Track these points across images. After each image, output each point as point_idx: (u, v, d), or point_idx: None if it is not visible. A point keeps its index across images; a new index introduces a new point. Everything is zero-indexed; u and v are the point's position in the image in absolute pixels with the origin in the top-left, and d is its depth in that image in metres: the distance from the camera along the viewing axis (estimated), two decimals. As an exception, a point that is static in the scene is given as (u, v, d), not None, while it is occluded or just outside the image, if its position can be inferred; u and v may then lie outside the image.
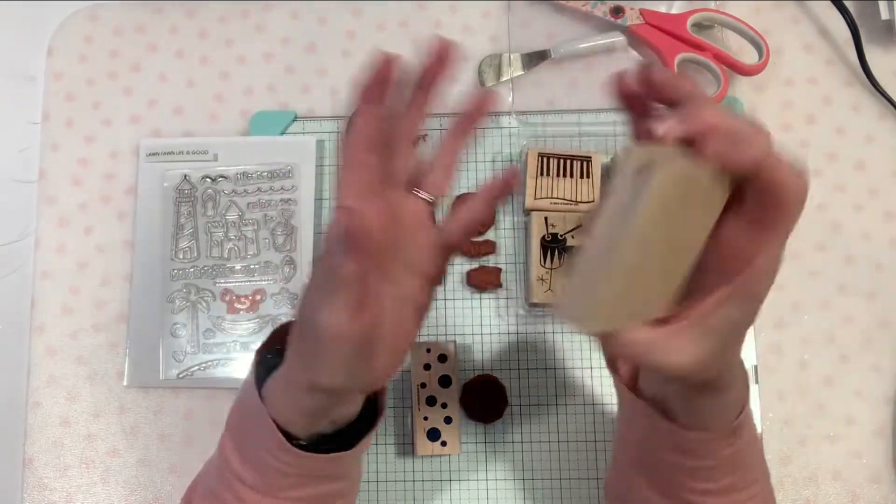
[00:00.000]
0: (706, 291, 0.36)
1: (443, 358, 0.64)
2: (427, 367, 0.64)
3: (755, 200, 0.35)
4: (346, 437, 0.46)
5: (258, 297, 0.68)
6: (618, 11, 0.71)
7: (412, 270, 0.45)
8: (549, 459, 0.65)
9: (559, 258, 0.64)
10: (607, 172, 0.37)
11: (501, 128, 0.71)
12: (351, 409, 0.46)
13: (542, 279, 0.64)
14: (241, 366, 0.67)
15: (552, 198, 0.65)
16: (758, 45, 0.69)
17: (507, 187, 0.46)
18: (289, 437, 0.43)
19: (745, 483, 0.47)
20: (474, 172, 0.70)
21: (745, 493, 0.47)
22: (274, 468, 0.44)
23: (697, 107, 0.34)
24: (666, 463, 0.46)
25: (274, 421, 0.43)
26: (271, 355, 0.47)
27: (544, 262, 0.64)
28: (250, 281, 0.68)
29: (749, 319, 0.38)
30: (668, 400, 0.45)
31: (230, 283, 0.68)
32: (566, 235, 0.64)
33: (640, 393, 0.47)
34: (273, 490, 0.45)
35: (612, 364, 0.50)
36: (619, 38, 0.71)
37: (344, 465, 0.47)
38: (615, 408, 0.66)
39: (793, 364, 0.67)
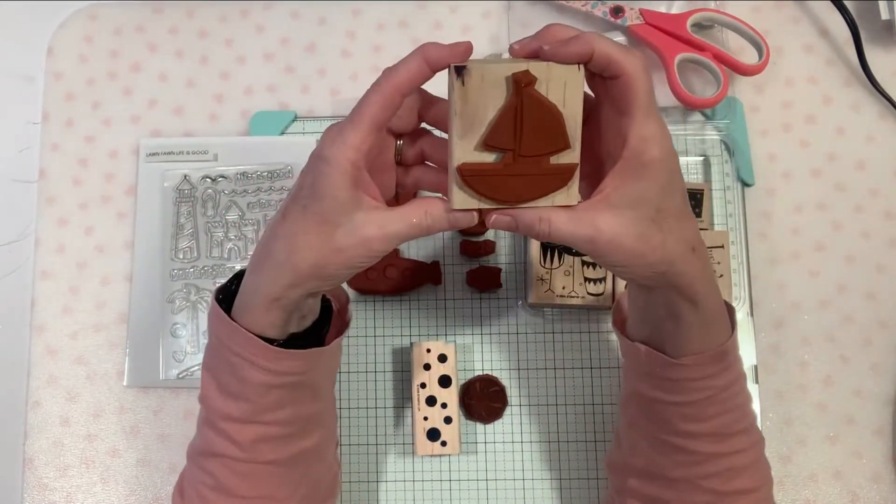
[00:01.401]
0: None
1: (443, 358, 0.64)
2: (427, 367, 0.64)
3: (610, 87, 0.43)
4: (314, 342, 0.49)
5: (258, 297, 0.68)
6: (618, 11, 0.71)
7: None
8: (549, 459, 0.65)
9: (559, 258, 0.64)
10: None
11: (501, 128, 0.70)
12: (314, 301, 0.49)
13: (542, 279, 0.64)
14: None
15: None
16: (758, 45, 0.69)
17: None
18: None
19: (736, 430, 0.48)
20: (474, 172, 0.70)
21: (738, 440, 0.48)
22: (256, 385, 0.46)
23: (544, 32, 0.45)
24: (659, 406, 0.49)
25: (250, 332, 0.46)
26: (232, 285, 0.49)
27: (544, 262, 0.64)
28: (250, 281, 0.68)
29: (652, 195, 0.43)
30: (655, 328, 0.48)
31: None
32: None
33: (633, 337, 0.51)
34: (257, 414, 0.47)
35: (617, 322, 0.54)
36: (619, 39, 0.71)
37: (321, 368, 0.50)
38: (615, 408, 0.66)
39: (793, 364, 0.67)
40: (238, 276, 0.49)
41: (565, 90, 0.43)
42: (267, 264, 0.45)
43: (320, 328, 0.51)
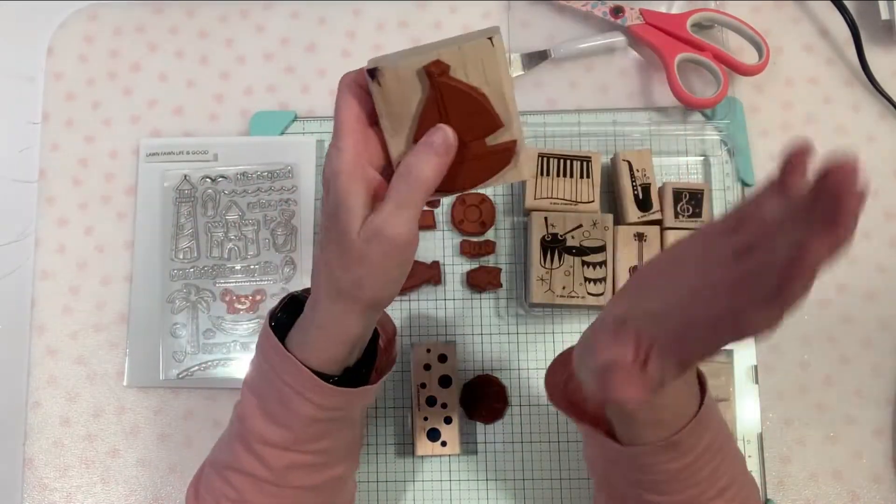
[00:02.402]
0: None
1: (443, 358, 0.64)
2: (427, 367, 0.64)
3: None
4: (359, 379, 0.50)
5: (258, 297, 0.68)
6: (618, 11, 0.71)
7: None
8: (549, 459, 0.65)
9: (559, 258, 0.64)
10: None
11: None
12: (370, 332, 0.49)
13: (542, 279, 0.64)
14: (241, 366, 0.67)
15: (552, 198, 0.65)
16: (758, 45, 0.69)
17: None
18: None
19: (711, 495, 0.45)
20: (474, 172, 0.70)
21: (715, 502, 0.45)
22: (304, 417, 0.47)
23: None
24: (619, 477, 0.47)
25: (305, 365, 0.46)
26: (282, 314, 0.50)
27: (544, 262, 0.64)
28: (250, 281, 0.68)
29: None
30: (605, 418, 0.46)
31: (230, 283, 0.68)
32: (566, 235, 0.64)
33: (582, 415, 0.49)
34: (296, 443, 0.47)
35: (549, 383, 0.52)
36: (619, 38, 0.71)
37: (359, 409, 0.51)
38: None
39: (793, 364, 0.67)
40: (291, 302, 0.50)
41: (485, 69, 0.42)
42: (322, 297, 0.45)
43: (363, 363, 0.51)
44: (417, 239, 0.44)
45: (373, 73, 0.43)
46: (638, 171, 0.66)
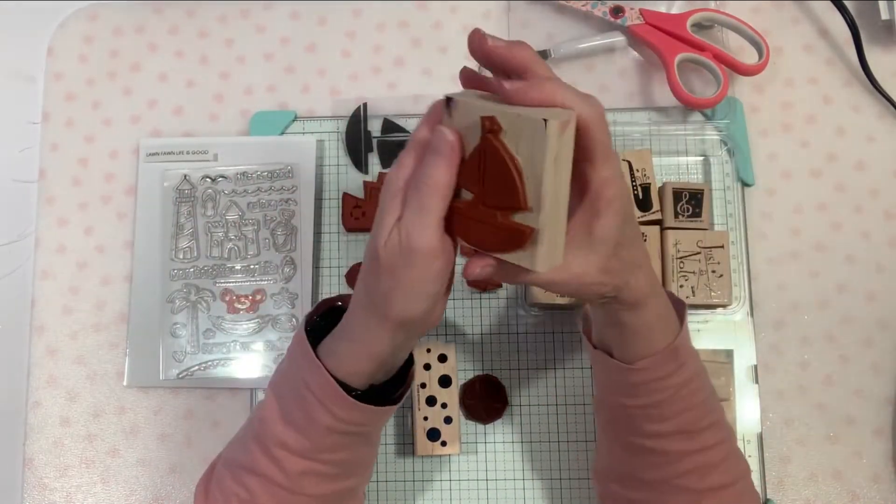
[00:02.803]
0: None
1: (443, 358, 0.64)
2: (427, 367, 0.64)
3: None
4: (383, 398, 0.50)
5: (258, 297, 0.68)
6: (618, 11, 0.71)
7: None
8: (549, 459, 0.65)
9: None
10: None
11: (501, 128, 0.71)
12: (405, 354, 0.50)
13: (542, 279, 0.64)
14: (241, 366, 0.67)
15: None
16: (758, 45, 0.69)
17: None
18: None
19: (702, 426, 0.49)
20: (474, 172, 0.70)
21: (706, 436, 0.49)
22: (323, 427, 0.47)
23: (512, 51, 0.42)
24: (625, 411, 0.50)
25: (333, 376, 0.46)
26: (319, 320, 0.51)
27: (544, 262, 0.64)
28: (250, 281, 0.68)
29: (613, 232, 0.43)
30: (605, 336, 0.50)
31: (230, 283, 0.68)
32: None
33: (598, 346, 0.52)
34: (313, 452, 0.48)
35: (585, 330, 0.55)
36: (619, 38, 0.71)
37: (378, 427, 0.52)
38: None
39: (793, 364, 0.67)
40: (327, 309, 0.51)
41: (533, 148, 0.39)
42: (356, 315, 0.46)
43: (390, 384, 0.51)
44: (448, 252, 0.43)
45: (449, 101, 0.42)
46: (638, 170, 0.66)
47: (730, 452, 0.51)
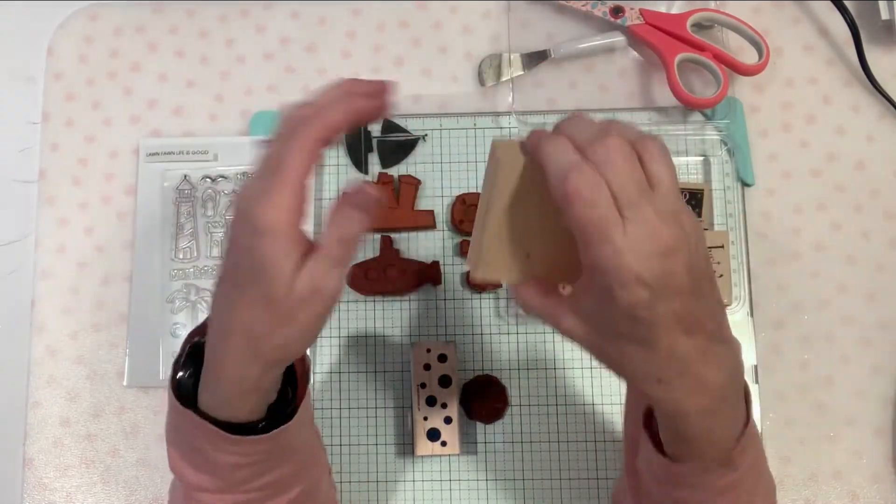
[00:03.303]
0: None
1: (443, 358, 0.64)
2: (427, 367, 0.64)
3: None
4: (279, 413, 0.46)
5: (258, 297, 0.68)
6: (618, 11, 0.71)
7: None
8: (549, 459, 0.65)
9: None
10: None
11: (501, 128, 0.71)
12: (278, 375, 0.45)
13: (542, 279, 0.64)
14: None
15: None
16: (758, 45, 0.69)
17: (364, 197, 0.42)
18: (232, 429, 0.43)
19: None
20: (474, 172, 0.70)
21: None
22: (228, 465, 0.44)
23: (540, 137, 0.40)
24: (660, 495, 0.46)
25: (212, 419, 0.43)
26: (184, 372, 0.46)
27: (544, 262, 0.64)
28: (250, 281, 0.68)
29: (606, 318, 0.38)
30: (660, 428, 0.43)
31: (230, 283, 0.68)
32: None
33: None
34: (231, 487, 0.45)
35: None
36: (619, 38, 0.71)
37: (290, 438, 0.46)
38: (615, 408, 0.66)
39: (793, 364, 0.67)
40: (191, 353, 0.46)
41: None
42: (229, 360, 0.42)
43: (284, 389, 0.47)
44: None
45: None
46: (638, 171, 0.66)
47: None
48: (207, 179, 0.70)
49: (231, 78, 0.73)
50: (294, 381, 0.47)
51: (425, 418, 0.63)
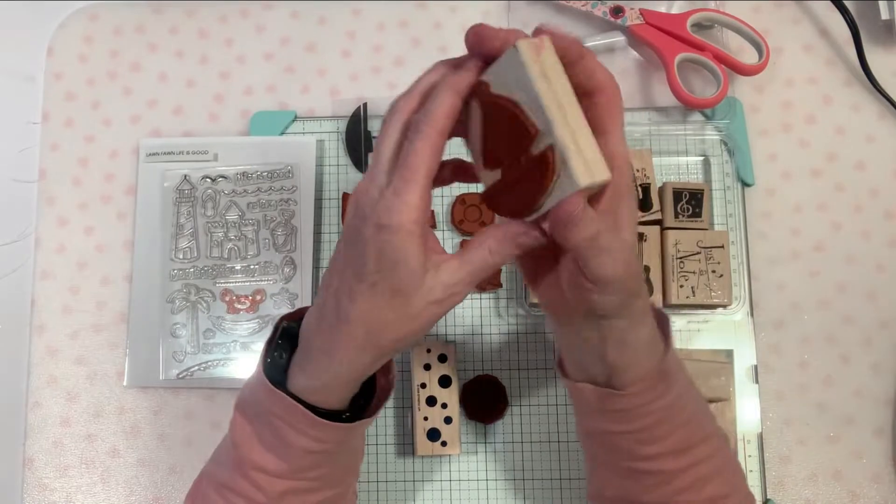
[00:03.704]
0: None
1: (443, 358, 0.64)
2: (427, 367, 0.64)
3: (587, 104, 0.41)
4: (359, 409, 0.48)
5: (258, 297, 0.68)
6: (618, 11, 0.71)
7: None
8: (549, 459, 0.65)
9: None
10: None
11: (501, 128, 0.71)
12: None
13: (542, 279, 0.64)
14: (241, 366, 0.67)
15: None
16: (758, 45, 0.69)
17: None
18: (319, 414, 0.45)
19: (695, 440, 0.47)
20: (474, 172, 0.70)
21: (700, 449, 0.47)
22: (299, 449, 0.45)
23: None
24: (616, 437, 0.48)
25: (301, 401, 0.45)
26: (278, 353, 0.48)
27: (544, 262, 0.64)
28: (250, 281, 0.68)
29: (627, 208, 0.41)
30: (587, 364, 0.47)
31: (230, 283, 0.68)
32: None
33: (575, 377, 0.49)
34: (292, 473, 0.46)
35: (558, 364, 0.52)
36: (619, 38, 0.71)
37: (358, 436, 0.50)
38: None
39: (793, 364, 0.67)
40: (285, 336, 0.48)
41: (516, 76, 0.39)
42: (344, 348, 0.43)
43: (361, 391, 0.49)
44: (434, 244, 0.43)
45: (466, 101, 0.41)
46: (638, 170, 0.66)
47: (725, 462, 0.50)
48: (207, 179, 0.70)
49: (231, 78, 0.73)
50: (370, 384, 0.49)
51: (425, 418, 0.63)
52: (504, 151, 0.41)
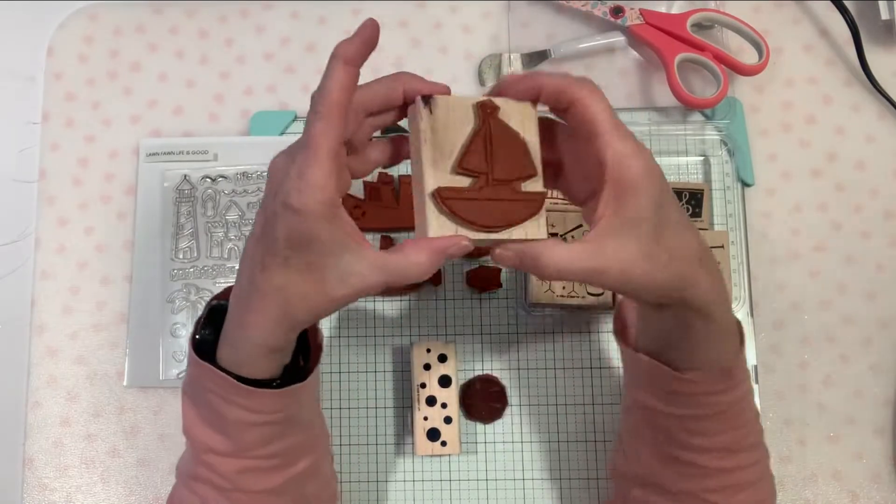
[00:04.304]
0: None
1: (443, 358, 0.64)
2: (427, 367, 0.64)
3: (571, 119, 0.44)
4: (293, 378, 0.47)
5: (258, 297, 0.68)
6: (618, 11, 0.71)
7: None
8: (549, 459, 0.65)
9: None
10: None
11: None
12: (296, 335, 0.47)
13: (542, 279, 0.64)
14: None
15: (552, 198, 0.65)
16: (758, 45, 0.69)
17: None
18: (248, 384, 0.45)
19: (743, 446, 0.48)
20: (474, 172, 0.70)
21: (745, 456, 0.48)
22: (238, 423, 0.45)
23: (501, 81, 0.46)
24: (663, 418, 0.48)
25: (230, 373, 0.44)
26: (206, 330, 0.48)
27: (544, 262, 0.64)
28: (250, 281, 0.68)
29: (647, 212, 0.41)
30: (655, 339, 0.47)
31: (230, 283, 0.68)
32: (566, 235, 0.64)
33: (636, 346, 0.50)
34: (240, 450, 0.46)
35: (618, 330, 0.53)
36: (619, 38, 0.71)
37: (299, 407, 0.48)
38: (615, 408, 0.66)
39: (793, 364, 0.67)
40: (212, 312, 0.48)
41: (523, 123, 0.45)
42: (257, 318, 0.43)
43: (296, 357, 0.49)
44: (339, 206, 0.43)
45: (427, 99, 0.44)
46: (638, 171, 0.66)
47: (763, 474, 0.50)
48: (207, 179, 0.70)
49: (231, 78, 0.73)
50: (307, 349, 0.49)
51: (425, 418, 0.63)
52: (496, 170, 0.44)
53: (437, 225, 0.43)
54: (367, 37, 0.42)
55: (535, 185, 0.45)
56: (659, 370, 0.47)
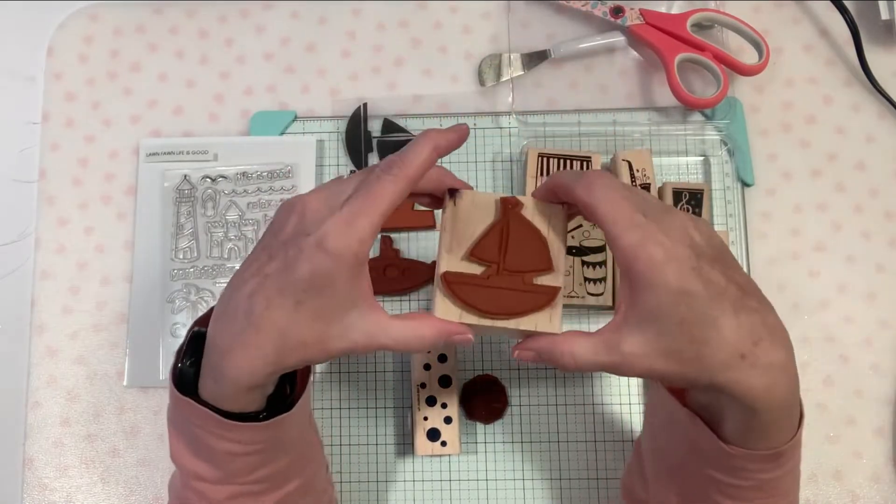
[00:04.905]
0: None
1: (443, 358, 0.64)
2: (427, 367, 0.64)
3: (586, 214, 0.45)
4: (279, 405, 0.46)
5: (258, 297, 0.68)
6: (618, 11, 0.71)
7: None
8: (549, 459, 0.65)
9: (559, 258, 0.64)
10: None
11: (501, 128, 0.71)
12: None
13: (542, 279, 0.64)
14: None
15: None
16: (758, 45, 0.69)
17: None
18: (233, 417, 0.44)
19: None
20: (474, 172, 0.70)
21: None
22: (226, 453, 0.44)
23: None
24: (700, 476, 0.46)
25: (212, 408, 0.43)
26: (187, 360, 0.46)
27: (544, 262, 0.64)
28: (250, 281, 0.68)
29: (665, 306, 0.40)
30: (717, 412, 0.44)
31: (230, 283, 0.68)
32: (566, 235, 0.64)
33: (689, 403, 0.46)
34: (228, 477, 0.45)
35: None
36: (619, 38, 0.71)
37: (287, 431, 0.46)
38: (615, 408, 0.66)
39: (793, 364, 0.67)
40: (194, 340, 0.46)
41: (549, 222, 0.48)
42: (245, 355, 0.42)
43: (283, 384, 0.47)
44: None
45: (453, 192, 0.48)
46: (638, 171, 0.66)
47: None
48: (207, 179, 0.70)
49: (231, 78, 0.73)
50: (293, 376, 0.48)
51: (425, 418, 0.63)
52: (509, 261, 0.46)
53: (442, 306, 0.46)
54: (459, 136, 0.45)
55: (550, 280, 0.46)
56: (703, 434, 0.44)
